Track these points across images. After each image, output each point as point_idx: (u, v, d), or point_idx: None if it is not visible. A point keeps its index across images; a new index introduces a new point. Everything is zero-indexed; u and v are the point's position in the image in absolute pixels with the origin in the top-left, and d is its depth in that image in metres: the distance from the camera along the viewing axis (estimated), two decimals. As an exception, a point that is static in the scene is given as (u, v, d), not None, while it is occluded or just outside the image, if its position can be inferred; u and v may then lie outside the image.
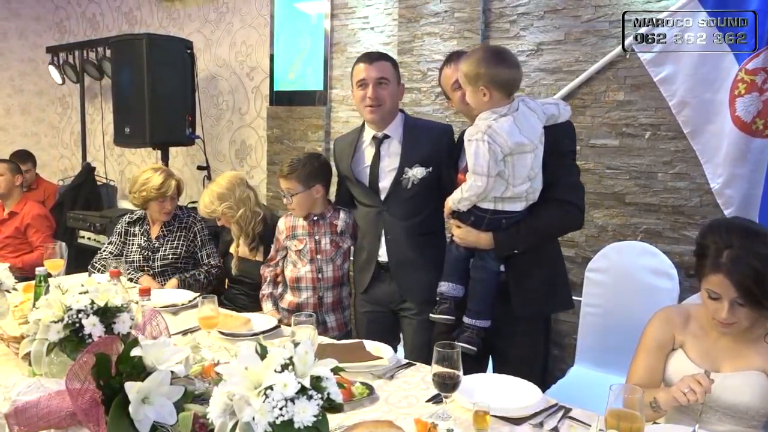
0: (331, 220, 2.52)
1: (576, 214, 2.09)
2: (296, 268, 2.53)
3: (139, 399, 1.29)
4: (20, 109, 6.42)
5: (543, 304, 2.14)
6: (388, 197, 2.35)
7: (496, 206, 2.01)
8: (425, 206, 2.33)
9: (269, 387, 1.13)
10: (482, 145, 1.92)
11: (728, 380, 1.64)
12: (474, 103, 2.01)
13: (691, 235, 2.77)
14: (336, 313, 2.56)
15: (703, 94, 2.66)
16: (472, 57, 2.00)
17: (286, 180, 2.47)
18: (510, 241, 2.03)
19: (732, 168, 2.60)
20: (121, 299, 1.65)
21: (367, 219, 2.43)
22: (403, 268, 2.36)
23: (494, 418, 1.53)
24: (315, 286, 2.51)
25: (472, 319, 2.05)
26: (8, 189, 3.97)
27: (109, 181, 5.76)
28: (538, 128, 1.98)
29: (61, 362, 1.59)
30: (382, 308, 2.45)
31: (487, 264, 2.06)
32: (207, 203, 2.80)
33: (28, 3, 6.36)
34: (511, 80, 1.97)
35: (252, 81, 4.73)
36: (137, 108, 4.23)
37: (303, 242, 2.51)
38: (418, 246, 2.35)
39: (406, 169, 2.30)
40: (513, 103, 1.98)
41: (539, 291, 2.11)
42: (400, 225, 2.34)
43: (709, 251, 1.61)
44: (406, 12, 3.57)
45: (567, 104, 2.08)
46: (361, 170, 2.42)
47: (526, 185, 1.99)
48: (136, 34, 4.86)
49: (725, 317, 1.59)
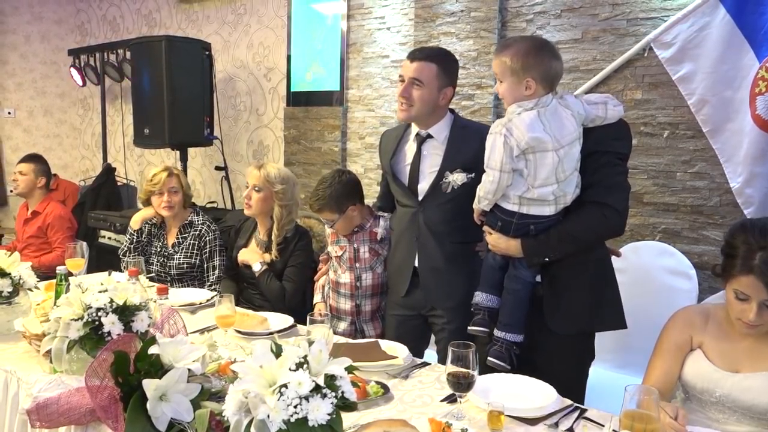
0: (371, 229, 2.49)
1: (614, 217, 1.89)
2: (337, 273, 2.53)
3: (156, 396, 1.31)
4: (43, 111, 6.53)
5: (583, 322, 1.97)
6: (426, 199, 2.26)
7: (521, 209, 1.90)
8: (462, 212, 2.15)
9: (284, 385, 1.15)
10: (498, 138, 1.85)
11: (747, 381, 1.62)
12: (511, 96, 1.89)
13: (710, 235, 2.74)
14: (375, 322, 2.52)
15: (723, 93, 2.63)
16: (519, 46, 1.89)
17: (321, 214, 2.46)
18: (540, 248, 1.90)
19: (752, 167, 2.56)
20: (139, 298, 1.68)
21: (403, 220, 2.34)
22: (432, 275, 2.28)
23: (509, 418, 1.53)
24: (353, 294, 2.49)
25: (501, 332, 1.94)
26: (29, 189, 4.03)
27: (129, 181, 5.83)
28: (570, 127, 1.85)
29: (80, 360, 1.62)
30: (412, 312, 2.38)
31: (520, 273, 1.94)
32: (272, 174, 2.74)
33: (50, 6, 6.46)
34: (557, 73, 1.89)
35: (269, 82, 4.76)
36: (156, 109, 4.28)
37: (343, 249, 2.50)
38: (448, 253, 2.25)
39: (446, 173, 2.19)
40: (544, 98, 1.87)
41: (578, 307, 1.95)
42: (434, 229, 2.25)
43: (739, 251, 1.57)
44: (422, 12, 3.57)
45: (618, 103, 1.91)
46: (401, 168, 2.34)
47: (551, 187, 1.86)
48: (155, 36, 4.91)
49: (752, 319, 1.56)
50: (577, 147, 1.87)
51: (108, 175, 5.47)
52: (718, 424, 1.67)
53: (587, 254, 1.96)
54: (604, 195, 1.88)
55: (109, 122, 6.02)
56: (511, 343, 1.94)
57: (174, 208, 3.04)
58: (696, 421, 1.67)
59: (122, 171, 5.86)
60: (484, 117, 3.32)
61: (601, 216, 1.89)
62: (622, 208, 1.90)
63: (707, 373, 1.68)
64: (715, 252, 2.68)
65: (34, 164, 4.06)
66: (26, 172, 4.02)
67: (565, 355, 1.98)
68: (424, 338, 2.46)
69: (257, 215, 2.83)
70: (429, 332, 2.45)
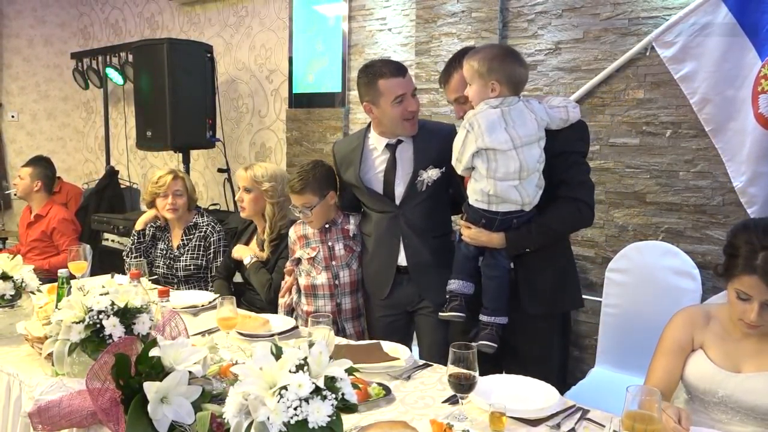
0: (342, 225, 2.50)
1: (586, 211, 2.09)
2: (311, 276, 2.50)
3: (157, 399, 1.31)
4: (46, 114, 6.55)
5: (552, 302, 2.14)
6: (404, 201, 2.32)
7: (491, 206, 2.01)
8: (439, 208, 2.34)
9: (284, 387, 1.15)
10: (461, 132, 2.02)
11: (750, 381, 1.61)
12: (478, 98, 2.03)
13: (713, 235, 2.73)
14: (354, 321, 2.52)
15: (726, 91, 2.62)
16: (485, 52, 2.04)
17: (300, 195, 2.41)
18: (522, 240, 2.05)
19: (755, 166, 2.55)
20: (140, 300, 1.68)
21: (381, 225, 2.38)
22: (423, 270, 2.34)
23: (511, 419, 1.52)
24: (333, 293, 2.48)
25: (489, 317, 2.05)
26: (27, 192, 4.04)
27: (132, 184, 5.84)
28: (531, 128, 1.98)
29: (82, 362, 1.63)
30: (398, 311, 2.43)
31: (499, 262, 2.07)
32: (258, 174, 2.75)
33: (53, 10, 6.49)
34: (522, 79, 2.04)
35: (271, 84, 4.77)
36: (159, 112, 4.29)
37: (316, 249, 2.48)
38: (434, 247, 2.33)
39: (420, 172, 2.28)
40: (509, 97, 2.00)
41: (549, 290, 2.11)
42: (417, 228, 2.32)
43: (741, 251, 1.56)
44: (423, 13, 3.57)
45: (576, 105, 2.08)
46: (371, 177, 2.37)
47: (514, 182, 1.97)
48: (157, 39, 4.93)
49: (754, 319, 1.56)
50: (537, 148, 2.00)
51: (111, 177, 5.49)
52: (722, 424, 1.66)
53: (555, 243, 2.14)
54: (576, 191, 2.06)
55: (112, 125, 6.03)
56: (499, 325, 2.06)
57: (178, 210, 3.04)
58: (699, 422, 1.66)
59: (125, 174, 5.87)
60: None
61: (576, 210, 2.07)
62: (592, 203, 2.10)
63: (709, 373, 1.67)
64: (719, 252, 2.65)
65: (32, 168, 4.06)
66: (24, 176, 4.03)
67: (536, 333, 2.14)
68: (409, 335, 2.51)
69: (253, 216, 2.84)
70: (413, 328, 2.49)
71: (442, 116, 3.44)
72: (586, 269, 3.07)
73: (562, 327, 2.29)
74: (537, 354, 2.13)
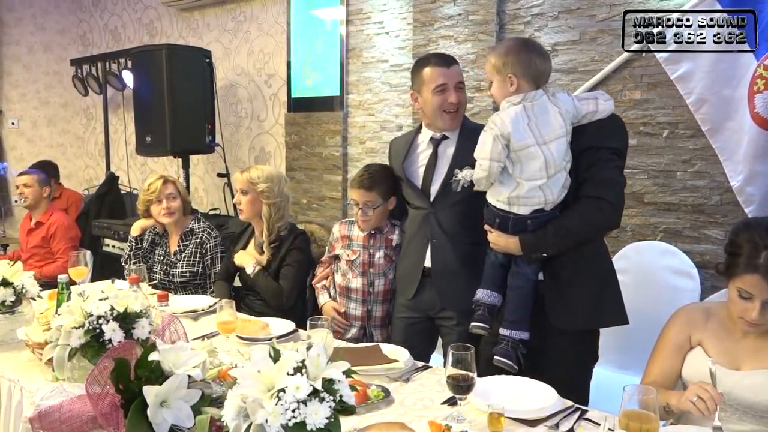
0: (387, 235, 2.50)
1: (609, 211, 1.91)
2: (346, 277, 2.52)
3: (157, 403, 1.32)
4: (46, 121, 6.57)
5: (585, 317, 1.97)
6: (437, 199, 2.28)
7: (512, 208, 1.94)
8: (473, 213, 2.15)
9: (282, 389, 1.15)
10: (488, 133, 1.92)
11: (748, 379, 1.62)
12: (500, 95, 1.97)
13: (711, 234, 2.74)
14: (383, 328, 2.53)
15: (722, 91, 2.63)
16: (501, 46, 2.00)
17: (368, 192, 2.40)
18: (537, 243, 1.92)
19: (752, 165, 2.55)
20: (140, 305, 1.69)
21: (415, 222, 2.35)
22: (445, 276, 2.28)
23: (509, 420, 1.53)
24: (365, 299, 2.49)
25: (507, 330, 1.95)
26: (36, 201, 4.04)
27: (133, 189, 5.86)
28: (555, 124, 1.89)
29: (82, 367, 1.63)
30: (420, 314, 2.39)
31: (522, 270, 1.96)
32: (254, 176, 2.76)
33: (53, 17, 6.51)
34: (541, 70, 1.93)
35: (270, 88, 4.78)
36: (158, 117, 4.30)
37: (357, 253, 2.49)
38: (462, 254, 2.25)
39: (456, 171, 2.16)
40: (531, 93, 1.91)
41: (580, 303, 1.95)
42: (447, 230, 2.26)
43: (743, 250, 1.56)
44: (420, 16, 3.58)
45: (609, 97, 1.95)
46: (413, 170, 2.36)
47: (540, 181, 1.88)
48: (156, 44, 4.95)
49: (755, 318, 1.56)
50: (563, 143, 1.90)
51: (111, 183, 5.50)
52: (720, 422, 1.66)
53: (587, 250, 1.97)
54: (597, 189, 1.91)
55: (112, 131, 6.05)
56: (517, 341, 1.94)
57: (174, 213, 3.04)
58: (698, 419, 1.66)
59: (125, 179, 5.89)
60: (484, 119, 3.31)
61: (596, 209, 1.91)
62: (616, 202, 1.92)
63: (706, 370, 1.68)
64: (717, 251, 2.67)
65: (36, 175, 4.07)
66: (31, 183, 4.02)
67: (567, 354, 1.98)
68: (431, 341, 2.46)
69: (250, 218, 2.84)
70: (436, 335, 2.44)
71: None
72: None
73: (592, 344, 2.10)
74: (562, 375, 1.86)
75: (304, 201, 4.34)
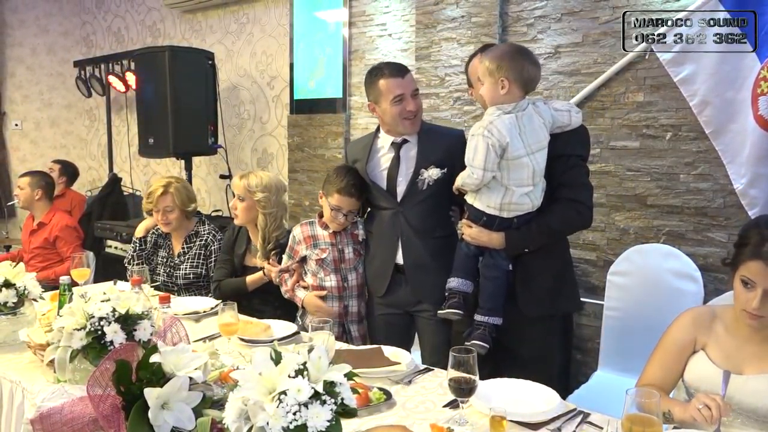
0: (352, 231, 2.54)
1: (586, 213, 2.13)
2: (317, 277, 2.53)
3: (158, 405, 1.31)
4: (49, 123, 6.58)
5: (549, 304, 2.16)
6: (404, 199, 2.36)
7: (502, 213, 2.06)
8: (440, 208, 2.36)
9: (283, 392, 1.15)
10: (481, 140, 1.99)
11: (751, 383, 1.61)
12: (489, 97, 2.05)
13: (714, 237, 2.73)
14: (359, 323, 2.56)
15: (725, 93, 2.62)
16: (496, 50, 2.09)
17: (356, 201, 2.43)
18: (522, 240, 2.08)
19: (756, 168, 2.54)
20: (141, 307, 1.68)
21: (382, 222, 2.43)
22: (419, 270, 2.36)
23: (511, 423, 1.52)
24: (341, 295, 2.51)
25: (484, 317, 2.09)
26: (28, 203, 4.06)
27: (135, 191, 5.86)
28: (541, 134, 2.03)
29: (84, 369, 1.63)
30: (398, 310, 2.46)
31: (498, 262, 2.10)
32: (252, 183, 2.77)
33: (56, 19, 6.53)
34: (532, 77, 2.05)
35: (272, 90, 4.79)
36: (161, 119, 4.31)
37: (326, 251, 2.50)
38: (433, 248, 2.35)
39: (422, 170, 2.32)
40: (521, 102, 2.03)
41: (546, 292, 2.14)
42: (416, 227, 2.35)
43: (750, 241, 1.60)
44: (423, 18, 3.58)
45: (579, 110, 2.12)
46: (377, 173, 2.43)
47: (527, 188, 2.03)
48: (159, 46, 4.95)
49: (756, 307, 1.57)
50: (545, 152, 2.05)
51: (114, 185, 5.51)
52: (723, 426, 1.65)
53: (553, 245, 2.17)
54: (576, 193, 2.10)
55: (115, 132, 6.06)
56: (492, 326, 2.08)
57: (171, 224, 3.06)
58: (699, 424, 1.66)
59: (128, 181, 5.89)
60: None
61: (576, 212, 2.11)
62: (591, 205, 2.15)
63: (712, 374, 1.67)
64: (720, 254, 2.66)
65: (30, 177, 4.09)
66: (23, 186, 4.05)
67: (534, 336, 2.16)
68: (410, 337, 2.53)
69: (246, 224, 2.86)
70: (414, 330, 2.51)
71: (443, 120, 3.45)
72: (588, 272, 3.07)
73: (562, 329, 2.31)
74: (535, 355, 2.14)
75: (306, 203, 4.34)
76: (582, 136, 2.14)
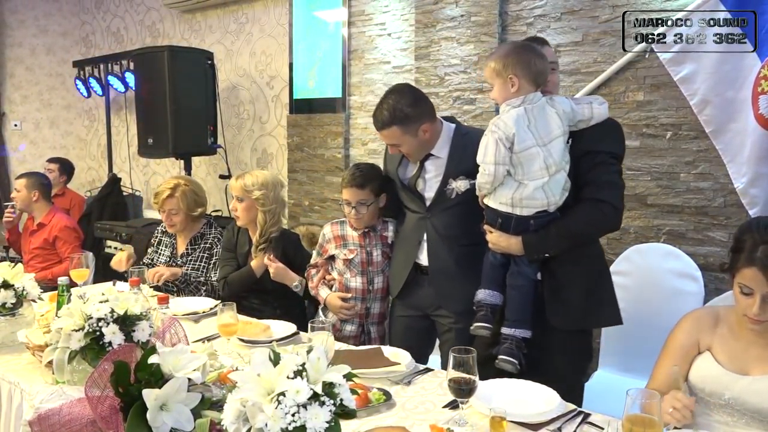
0: (381, 232, 2.51)
1: (610, 213, 1.96)
2: (344, 277, 2.52)
3: (156, 406, 1.31)
4: (49, 123, 6.58)
5: (581, 318, 2.02)
6: (433, 205, 2.30)
7: (515, 210, 1.96)
8: (469, 217, 2.21)
9: (281, 393, 1.14)
10: (490, 137, 1.94)
11: (756, 384, 1.60)
12: (501, 97, 1.99)
13: (715, 237, 2.72)
14: (379, 325, 2.56)
15: (725, 93, 2.62)
16: (500, 50, 2.04)
17: (361, 190, 2.40)
18: (540, 244, 1.96)
19: (756, 167, 2.54)
20: (140, 307, 1.68)
21: (409, 224, 2.38)
22: (442, 275, 2.30)
23: (511, 423, 1.52)
24: (365, 297, 2.50)
25: (510, 329, 1.97)
26: (26, 205, 4.05)
27: (135, 191, 5.86)
28: (554, 125, 1.93)
29: (82, 370, 1.63)
30: (417, 312, 2.40)
31: (523, 270, 1.99)
32: (248, 183, 2.77)
33: (55, 19, 6.52)
34: (540, 70, 1.96)
35: (272, 90, 4.78)
36: (160, 119, 4.31)
37: (354, 252, 2.49)
38: (458, 256, 2.27)
39: (450, 181, 2.24)
40: (530, 95, 1.95)
41: (576, 303, 1.99)
42: (442, 233, 2.29)
43: (745, 246, 1.59)
44: (422, 17, 3.57)
45: (603, 101, 2.00)
46: (407, 178, 2.38)
47: (541, 180, 1.91)
48: (158, 46, 4.95)
49: (756, 312, 1.56)
50: (561, 143, 1.94)
51: (113, 185, 5.51)
52: (727, 427, 1.65)
53: (583, 252, 2.02)
54: (599, 192, 1.95)
55: (114, 132, 6.06)
56: (520, 339, 1.96)
57: (175, 226, 3.07)
58: (703, 424, 1.65)
59: (128, 181, 5.89)
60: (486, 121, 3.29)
61: (599, 212, 1.96)
62: (618, 205, 1.97)
63: (716, 375, 1.67)
64: (721, 253, 2.66)
65: (26, 179, 4.07)
66: (20, 188, 4.04)
67: (564, 351, 2.02)
68: (430, 341, 2.48)
69: (247, 224, 2.85)
70: (434, 334, 2.45)
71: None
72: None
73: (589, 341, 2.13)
74: (562, 373, 1.95)
75: (305, 203, 4.33)
76: (609, 129, 2.00)
